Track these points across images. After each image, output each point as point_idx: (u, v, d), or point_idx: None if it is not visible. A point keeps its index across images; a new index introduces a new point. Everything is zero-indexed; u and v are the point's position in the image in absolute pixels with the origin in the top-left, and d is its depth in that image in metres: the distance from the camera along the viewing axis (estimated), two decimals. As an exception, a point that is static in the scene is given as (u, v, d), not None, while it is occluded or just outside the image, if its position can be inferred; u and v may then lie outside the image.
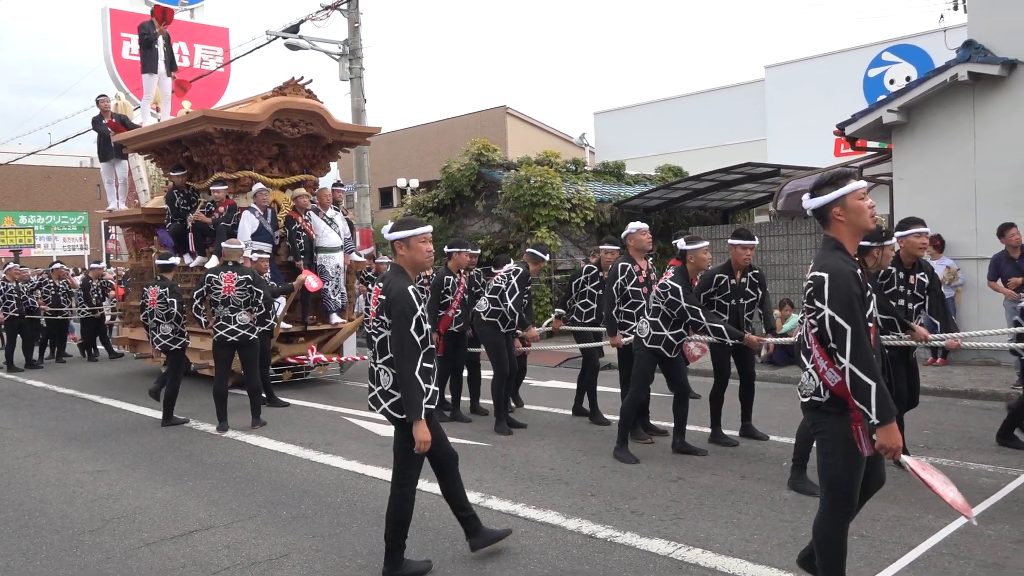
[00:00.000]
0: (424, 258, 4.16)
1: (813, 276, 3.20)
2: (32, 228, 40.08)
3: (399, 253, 4.15)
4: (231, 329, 8.12)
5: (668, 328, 6.32)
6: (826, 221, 3.33)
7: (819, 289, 3.15)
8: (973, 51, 9.82)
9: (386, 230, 4.20)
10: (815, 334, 3.22)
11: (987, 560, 4.09)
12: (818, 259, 3.26)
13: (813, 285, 3.19)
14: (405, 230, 4.12)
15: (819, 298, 3.14)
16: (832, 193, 3.29)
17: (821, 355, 3.21)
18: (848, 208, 3.26)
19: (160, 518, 5.31)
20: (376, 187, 31.67)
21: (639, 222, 7.19)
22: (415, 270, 4.20)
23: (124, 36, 19.10)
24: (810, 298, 3.21)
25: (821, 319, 3.14)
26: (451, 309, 8.03)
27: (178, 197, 11.37)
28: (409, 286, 3.99)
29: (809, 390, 3.28)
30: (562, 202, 16.13)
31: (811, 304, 3.20)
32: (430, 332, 4.06)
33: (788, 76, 23.10)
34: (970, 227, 10.08)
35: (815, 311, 3.18)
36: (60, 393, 11.36)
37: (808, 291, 3.23)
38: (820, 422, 3.29)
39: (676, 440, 6.55)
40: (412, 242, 4.11)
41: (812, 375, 3.26)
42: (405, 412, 3.95)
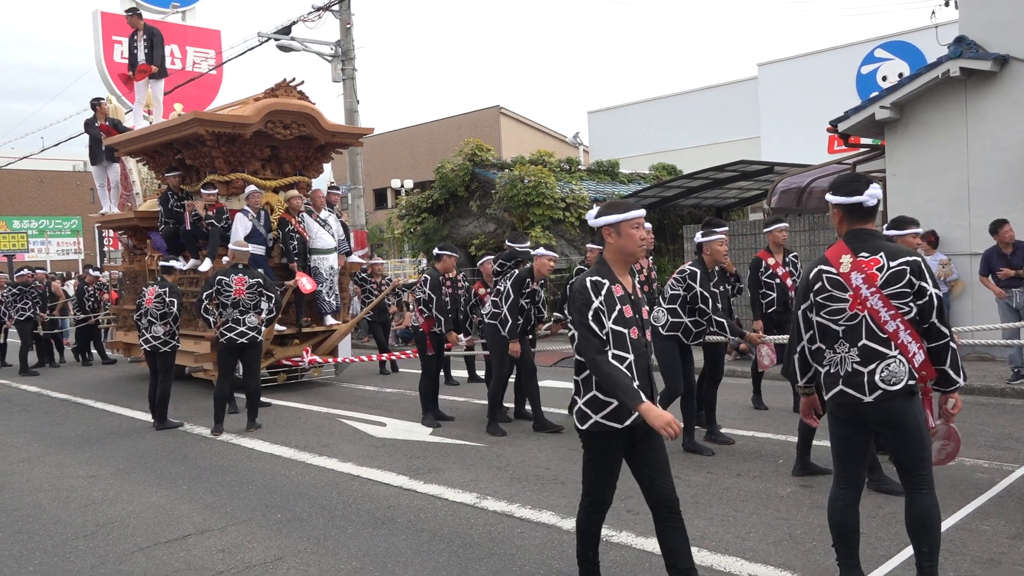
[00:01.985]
0: (636, 247, 3.59)
1: (907, 261, 3.36)
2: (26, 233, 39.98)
3: (607, 241, 3.61)
4: (240, 331, 8.13)
5: (686, 315, 6.35)
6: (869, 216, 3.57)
7: (919, 270, 3.36)
8: (965, 47, 9.83)
9: (591, 215, 3.64)
10: (908, 319, 3.37)
11: (983, 556, 4.09)
12: (892, 249, 3.44)
13: (911, 269, 3.35)
14: (614, 214, 3.56)
15: (923, 279, 3.35)
16: None
17: (913, 338, 3.37)
18: None
19: (154, 522, 5.29)
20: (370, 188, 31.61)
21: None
22: (626, 261, 3.62)
23: (115, 39, 19.05)
24: (910, 282, 3.35)
25: (930, 297, 3.35)
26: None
27: (172, 199, 11.34)
28: (590, 277, 3.49)
29: (901, 378, 3.36)
30: (556, 201, 16.12)
31: (909, 287, 3.35)
32: (625, 332, 3.47)
33: (781, 74, 23.10)
34: (963, 222, 10.10)
35: (915, 294, 3.35)
36: (54, 398, 11.31)
37: (906, 275, 3.35)
38: (908, 407, 3.39)
39: (685, 439, 6.54)
40: (623, 228, 3.55)
41: (900, 361, 3.36)
42: (623, 399, 3.30)
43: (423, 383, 8.27)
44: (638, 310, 3.58)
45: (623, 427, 3.45)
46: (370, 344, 14.81)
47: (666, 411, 3.29)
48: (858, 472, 3.57)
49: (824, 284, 3.51)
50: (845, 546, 3.55)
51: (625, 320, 3.47)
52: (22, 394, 11.89)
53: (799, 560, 4.14)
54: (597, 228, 3.66)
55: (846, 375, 3.44)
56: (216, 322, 8.25)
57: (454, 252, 8.45)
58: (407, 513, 5.24)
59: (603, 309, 3.43)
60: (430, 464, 6.49)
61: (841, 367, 3.47)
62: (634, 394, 3.28)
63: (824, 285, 3.51)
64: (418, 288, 8.37)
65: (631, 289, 3.61)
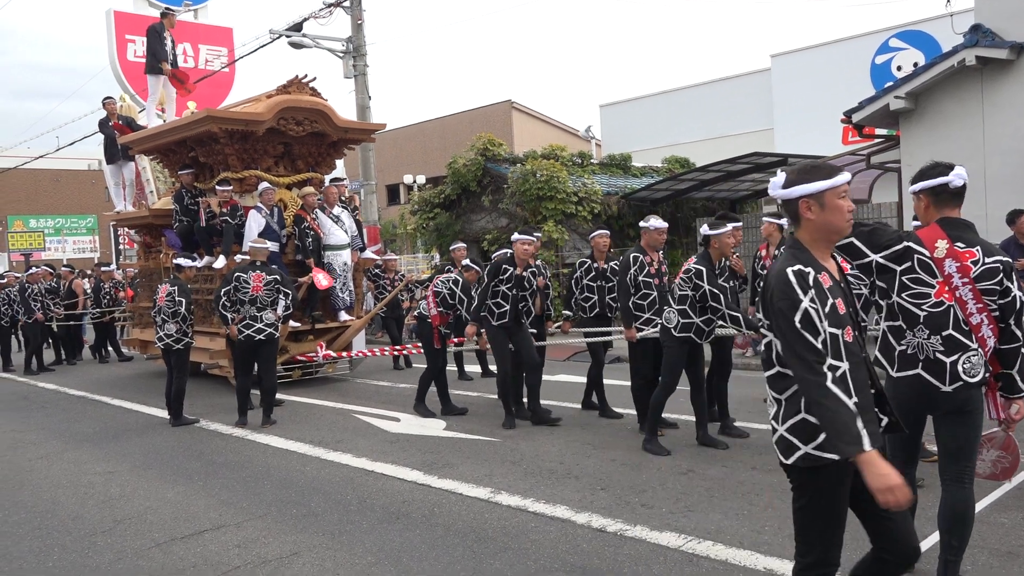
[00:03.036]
0: (844, 222, 2.75)
1: (1000, 260, 3.43)
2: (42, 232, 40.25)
3: (805, 217, 2.73)
4: (258, 328, 8.19)
5: (697, 315, 6.27)
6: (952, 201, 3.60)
7: (1009, 270, 3.43)
8: (981, 35, 9.72)
9: (776, 184, 2.81)
10: (995, 316, 3.42)
11: (1001, 549, 4.06)
12: (988, 245, 3.49)
13: (1003, 267, 3.42)
14: (816, 181, 2.72)
15: (1010, 279, 3.42)
16: None
17: (994, 334, 3.43)
18: None
19: (171, 518, 5.33)
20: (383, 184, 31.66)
21: (660, 220, 7.08)
22: (829, 241, 2.79)
23: (129, 38, 19.12)
24: (1000, 281, 3.41)
25: (1013, 299, 3.42)
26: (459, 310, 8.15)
27: (186, 197, 11.40)
28: (791, 267, 2.64)
29: (980, 370, 3.42)
30: (569, 196, 16.08)
31: (999, 285, 3.41)
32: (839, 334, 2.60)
33: (794, 65, 22.95)
34: (980, 212, 9.98)
35: (1001, 292, 3.41)
36: (71, 395, 11.41)
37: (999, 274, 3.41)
38: (980, 396, 3.47)
39: (699, 433, 6.52)
40: (827, 198, 2.71)
41: (980, 355, 3.41)
42: (837, 442, 2.54)
43: (425, 375, 8.40)
44: (851, 302, 2.73)
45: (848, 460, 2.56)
46: (384, 340, 14.85)
47: (893, 472, 2.51)
48: (915, 451, 3.61)
49: (913, 264, 3.45)
50: None
51: (839, 318, 2.61)
52: (40, 392, 12.00)
53: (815, 554, 4.11)
54: (787, 201, 2.78)
55: (926, 361, 3.44)
56: (233, 319, 8.29)
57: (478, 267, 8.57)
58: (421, 508, 5.25)
59: (815, 309, 2.57)
60: (444, 459, 6.51)
61: (921, 351, 3.46)
62: (852, 438, 2.49)
63: (913, 265, 3.45)
64: (440, 283, 8.34)
65: (838, 276, 2.75)
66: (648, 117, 27.53)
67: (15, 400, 11.23)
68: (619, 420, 7.65)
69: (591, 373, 8.06)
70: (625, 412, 7.71)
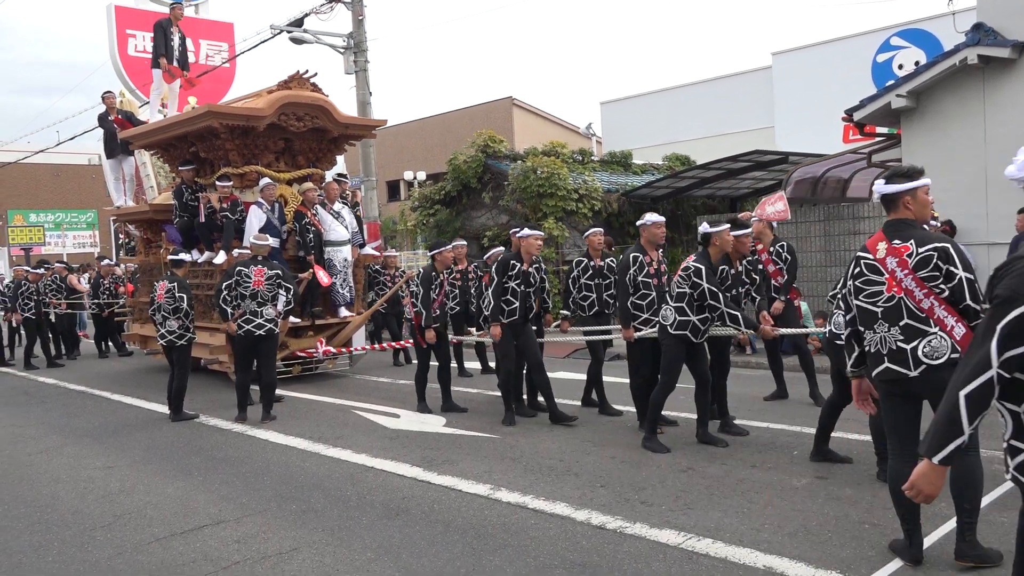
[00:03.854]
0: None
1: (935, 247, 3.68)
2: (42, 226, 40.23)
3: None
4: (258, 323, 8.19)
5: (694, 313, 6.27)
6: (895, 207, 3.85)
7: (948, 256, 3.66)
8: (983, 34, 9.70)
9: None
10: (944, 298, 3.67)
11: (1000, 548, 4.05)
12: (923, 235, 3.75)
13: (938, 253, 3.66)
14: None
15: (951, 263, 3.65)
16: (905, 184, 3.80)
17: (950, 313, 3.66)
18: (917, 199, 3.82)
19: (171, 513, 5.33)
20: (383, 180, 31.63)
21: (656, 215, 7.10)
22: None
23: (129, 33, 19.10)
24: (937, 266, 3.66)
25: (959, 280, 3.64)
26: (436, 304, 8.18)
27: (186, 192, 11.39)
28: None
29: (944, 351, 3.65)
30: (569, 193, 16.07)
31: (937, 271, 3.66)
32: None
33: (795, 63, 22.94)
34: (981, 212, 9.99)
35: (945, 277, 3.65)
36: (71, 390, 11.42)
37: (933, 260, 3.67)
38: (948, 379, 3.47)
39: (699, 430, 6.52)
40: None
41: (943, 337, 3.66)
42: None
43: (418, 374, 8.49)
44: None
45: None
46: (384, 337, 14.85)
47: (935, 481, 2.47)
48: (913, 444, 3.78)
49: (862, 269, 3.89)
50: (912, 516, 3.86)
51: None
52: (40, 386, 12.00)
53: (814, 552, 4.12)
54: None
55: (890, 352, 3.77)
56: (234, 314, 8.29)
57: (444, 245, 8.51)
58: (421, 504, 5.26)
59: None
60: (444, 455, 6.51)
61: (883, 346, 3.80)
62: None
63: (862, 270, 3.89)
64: (412, 281, 8.41)
65: None
66: (649, 114, 27.51)
67: (15, 395, 11.24)
68: (619, 418, 7.66)
69: (591, 371, 8.06)
70: (625, 410, 7.72)
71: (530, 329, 7.70)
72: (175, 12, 13.01)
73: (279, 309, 8.36)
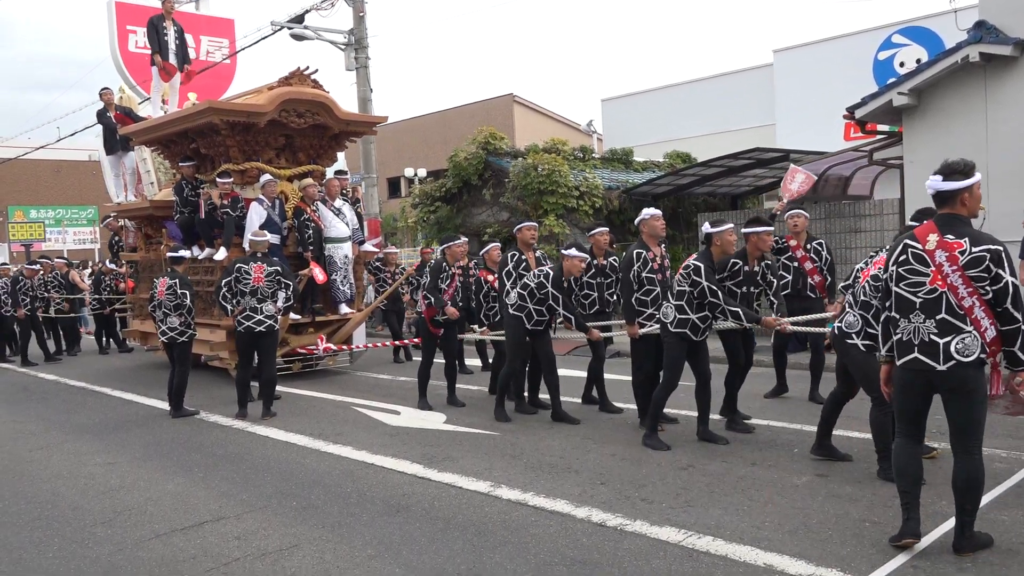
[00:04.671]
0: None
1: (988, 248, 3.72)
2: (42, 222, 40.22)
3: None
4: (258, 320, 8.20)
5: (693, 311, 6.27)
6: (952, 203, 3.87)
7: (999, 259, 3.71)
8: (985, 32, 9.68)
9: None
10: (987, 300, 3.72)
11: (1001, 546, 4.05)
12: (977, 235, 3.77)
13: (991, 256, 3.70)
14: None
15: (1000, 267, 3.70)
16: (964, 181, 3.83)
17: (988, 315, 3.72)
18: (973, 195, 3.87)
19: (171, 509, 5.33)
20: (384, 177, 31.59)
21: (652, 208, 7.11)
22: None
23: (130, 29, 19.06)
24: (987, 268, 3.70)
25: (1004, 285, 3.70)
26: (447, 296, 8.19)
27: (187, 188, 11.38)
28: None
29: (974, 350, 3.75)
30: (570, 190, 16.06)
31: (987, 272, 3.70)
32: None
33: (797, 60, 22.87)
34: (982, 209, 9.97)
35: (991, 279, 3.70)
36: (71, 386, 11.42)
37: (985, 261, 3.71)
38: (973, 376, 3.77)
39: (700, 428, 6.52)
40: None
41: (974, 336, 3.74)
42: None
43: (421, 369, 8.50)
44: None
45: None
46: (384, 333, 14.85)
47: None
48: (918, 428, 4.03)
49: (908, 257, 3.93)
50: (914, 493, 3.99)
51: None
52: (40, 382, 12.00)
53: (814, 550, 4.12)
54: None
55: (921, 344, 3.84)
56: (234, 310, 8.28)
57: (456, 239, 8.50)
58: (421, 501, 5.25)
59: None
60: (444, 452, 6.51)
61: (916, 336, 3.88)
62: None
63: (908, 258, 3.93)
64: (412, 277, 8.41)
65: None
66: (650, 112, 27.46)
67: (15, 391, 11.24)
68: (619, 415, 7.66)
69: (591, 367, 8.06)
70: (625, 407, 7.71)
71: (547, 332, 7.69)
72: (166, 6, 12.98)
73: (279, 306, 8.37)
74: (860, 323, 5.26)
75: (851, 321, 5.33)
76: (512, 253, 8.11)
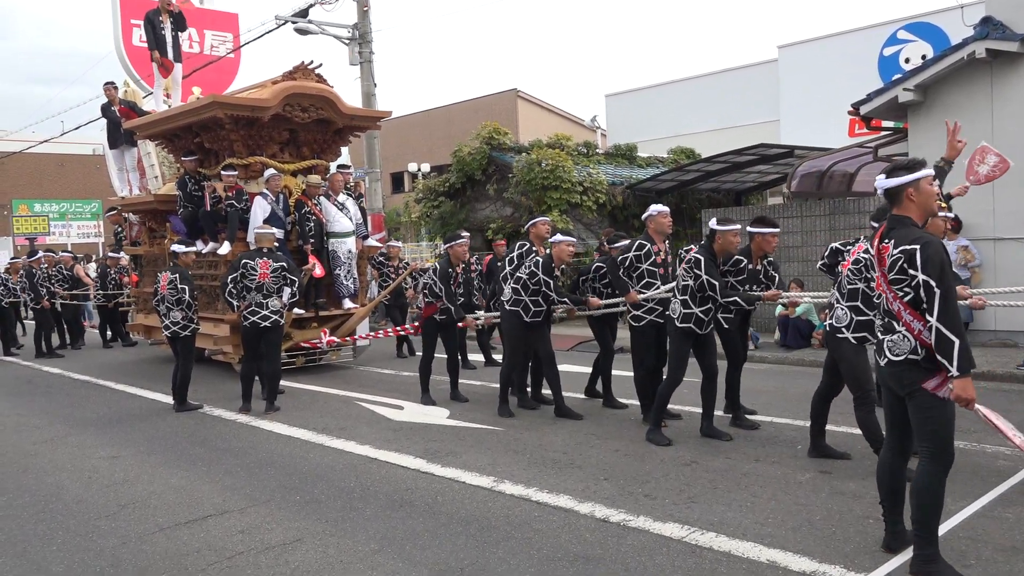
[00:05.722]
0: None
1: (903, 249, 3.60)
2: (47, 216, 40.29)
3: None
4: (264, 315, 8.21)
5: (697, 305, 6.28)
6: (899, 201, 3.75)
7: (912, 258, 3.57)
8: (991, 28, 9.65)
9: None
10: (908, 300, 3.62)
11: (1005, 544, 4.05)
12: (903, 235, 3.64)
13: (904, 257, 3.59)
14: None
15: (913, 266, 3.56)
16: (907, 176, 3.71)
17: (915, 318, 3.61)
18: (921, 191, 3.71)
19: (175, 503, 5.34)
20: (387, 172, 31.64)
21: (660, 205, 7.08)
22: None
23: (134, 22, 19.00)
24: (902, 269, 3.60)
25: (916, 285, 3.56)
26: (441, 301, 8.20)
27: (190, 183, 11.38)
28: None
29: (904, 349, 3.67)
30: (574, 185, 16.05)
31: (903, 274, 3.61)
32: None
33: (801, 56, 22.83)
34: (987, 207, 9.95)
35: (908, 279, 3.59)
36: (75, 379, 11.44)
37: (899, 263, 3.61)
38: (916, 379, 3.64)
39: (704, 424, 6.52)
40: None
41: (906, 336, 3.65)
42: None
43: (422, 365, 8.53)
44: None
45: None
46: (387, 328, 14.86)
47: None
48: (899, 437, 3.90)
49: (868, 261, 4.10)
50: (889, 504, 3.95)
51: None
52: (44, 376, 12.03)
53: (818, 546, 4.12)
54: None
55: (878, 343, 3.89)
56: (239, 306, 8.29)
57: (461, 238, 8.48)
58: (425, 496, 5.26)
59: None
60: (447, 447, 6.51)
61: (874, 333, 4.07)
62: None
63: (868, 262, 4.10)
64: (428, 275, 8.40)
65: None
66: (654, 107, 27.43)
67: (19, 384, 11.26)
68: (623, 411, 7.66)
69: (600, 362, 8.04)
70: (629, 403, 7.71)
71: (546, 324, 7.70)
72: (162, 3, 12.97)
73: (284, 301, 8.38)
74: (848, 316, 5.26)
75: (840, 315, 5.34)
76: (522, 243, 7.98)
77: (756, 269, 6.70)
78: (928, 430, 3.65)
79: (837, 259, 5.68)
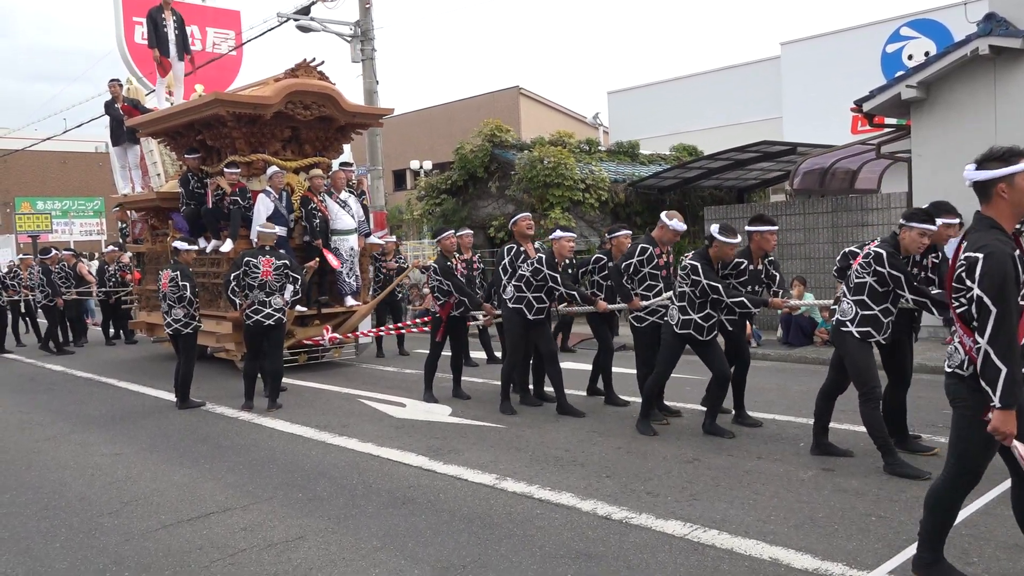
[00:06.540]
0: None
1: (967, 256, 3.22)
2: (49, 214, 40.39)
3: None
4: (267, 313, 8.22)
5: (695, 311, 6.27)
6: (988, 197, 3.31)
7: (972, 268, 3.18)
8: (994, 24, 9.62)
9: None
10: (960, 313, 3.29)
11: (1008, 542, 4.04)
12: (974, 240, 3.24)
13: (966, 265, 3.21)
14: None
15: (971, 277, 3.18)
16: (1002, 169, 3.24)
17: (966, 332, 3.28)
18: (1015, 187, 3.23)
19: (177, 500, 5.35)
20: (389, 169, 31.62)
21: (681, 222, 6.84)
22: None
23: (136, 20, 19.05)
24: (960, 278, 3.25)
25: (970, 298, 3.20)
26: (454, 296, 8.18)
27: (192, 180, 11.39)
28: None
29: (955, 362, 3.37)
30: (576, 183, 16.04)
31: (961, 283, 3.25)
32: None
33: (804, 53, 22.77)
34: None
35: (965, 290, 3.23)
36: (78, 377, 11.45)
37: (961, 270, 3.25)
38: (961, 395, 3.35)
39: (706, 421, 6.52)
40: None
41: (959, 349, 3.34)
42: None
43: (428, 361, 8.53)
44: None
45: None
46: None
47: None
48: None
49: None
50: None
51: None
52: (47, 373, 12.05)
53: (820, 544, 4.11)
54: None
55: None
56: (242, 304, 8.30)
57: (447, 231, 8.53)
58: (427, 493, 5.26)
59: None
60: (449, 445, 6.51)
61: None
62: None
63: None
64: (431, 277, 8.40)
65: None
66: (656, 104, 27.38)
67: (22, 381, 11.28)
68: (625, 408, 7.65)
69: (600, 360, 8.04)
70: (631, 400, 7.71)
71: (547, 321, 7.70)
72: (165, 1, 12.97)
73: (287, 298, 8.38)
74: (854, 310, 5.25)
75: (845, 308, 5.32)
76: (510, 246, 8.09)
77: (757, 269, 6.69)
78: (960, 449, 3.41)
79: (849, 262, 5.65)
